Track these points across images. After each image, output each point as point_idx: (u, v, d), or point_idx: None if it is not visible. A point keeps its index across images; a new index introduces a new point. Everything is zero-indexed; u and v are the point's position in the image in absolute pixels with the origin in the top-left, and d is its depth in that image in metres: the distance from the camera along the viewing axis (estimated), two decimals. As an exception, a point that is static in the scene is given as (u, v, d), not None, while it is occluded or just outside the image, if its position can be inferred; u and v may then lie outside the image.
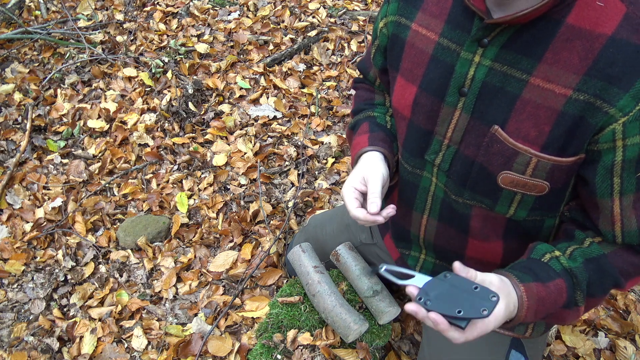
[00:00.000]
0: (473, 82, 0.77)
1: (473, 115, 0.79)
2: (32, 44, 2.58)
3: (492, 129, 0.76)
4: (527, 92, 0.72)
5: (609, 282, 0.79)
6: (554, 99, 0.70)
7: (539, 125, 0.72)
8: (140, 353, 1.48)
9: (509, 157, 0.76)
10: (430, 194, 0.94)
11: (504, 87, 0.74)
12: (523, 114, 0.73)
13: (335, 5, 2.87)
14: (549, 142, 0.72)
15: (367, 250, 1.31)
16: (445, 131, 0.84)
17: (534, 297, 0.76)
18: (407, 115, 0.90)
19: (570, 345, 1.46)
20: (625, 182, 0.72)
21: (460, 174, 0.85)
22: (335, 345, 1.24)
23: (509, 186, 0.79)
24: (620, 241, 0.78)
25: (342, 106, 2.30)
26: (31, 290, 1.64)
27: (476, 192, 0.84)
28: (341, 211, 1.42)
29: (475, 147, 0.80)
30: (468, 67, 0.77)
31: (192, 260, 1.73)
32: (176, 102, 2.26)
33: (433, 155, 0.88)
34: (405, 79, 0.89)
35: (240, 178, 2.00)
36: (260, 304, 1.55)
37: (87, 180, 2.00)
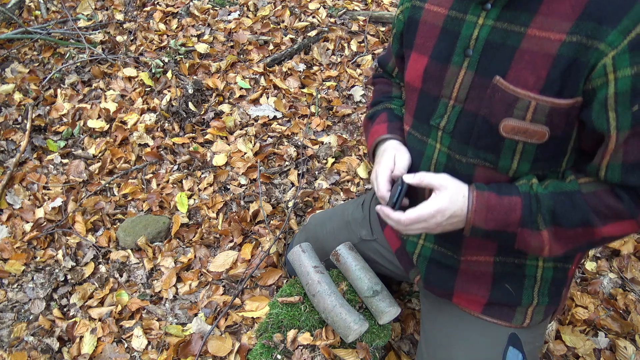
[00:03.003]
0: (477, 42, 0.84)
1: (477, 71, 0.85)
2: (32, 44, 2.58)
3: (493, 79, 0.82)
4: (525, 42, 0.79)
5: (578, 216, 0.82)
6: (550, 45, 0.76)
7: (537, 71, 0.78)
8: (140, 353, 1.48)
9: (510, 104, 0.81)
10: (433, 162, 0.97)
11: (504, 42, 0.81)
12: (521, 62, 0.79)
13: (335, 5, 2.87)
14: (546, 85, 0.77)
15: (367, 247, 1.32)
16: (451, 92, 0.90)
17: (484, 203, 0.85)
18: (418, 86, 0.96)
19: (570, 345, 1.46)
20: (621, 117, 0.74)
21: (464, 131, 0.89)
22: (335, 345, 1.24)
23: (511, 134, 0.83)
24: (603, 175, 0.81)
25: (342, 106, 2.30)
26: (31, 290, 1.64)
27: (479, 147, 0.88)
28: (341, 209, 1.43)
29: (478, 101, 0.85)
30: (473, 29, 0.85)
31: (192, 260, 1.73)
32: (176, 102, 2.26)
33: (438, 119, 0.93)
34: (418, 53, 0.96)
35: (240, 178, 2.00)
36: (260, 304, 1.55)
37: (87, 180, 2.00)
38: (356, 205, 1.38)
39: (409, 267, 1.14)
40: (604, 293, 1.60)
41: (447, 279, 1.06)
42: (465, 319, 1.07)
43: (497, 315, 1.04)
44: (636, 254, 1.70)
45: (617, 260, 1.68)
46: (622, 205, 0.80)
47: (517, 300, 1.01)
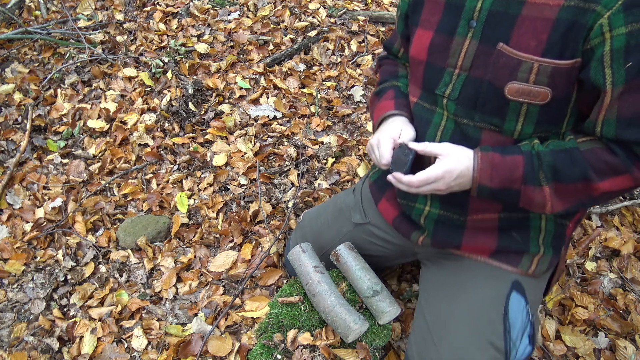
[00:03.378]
0: (481, 12, 0.90)
1: (481, 40, 0.91)
2: (32, 44, 2.58)
3: (497, 45, 0.88)
4: (526, 9, 0.85)
5: (577, 172, 0.87)
6: (549, 10, 0.82)
7: (537, 35, 0.84)
8: (140, 353, 1.48)
9: (514, 67, 0.86)
10: (440, 128, 1.02)
11: (506, 11, 0.87)
12: (522, 28, 0.85)
13: (335, 5, 2.87)
14: (547, 48, 0.83)
15: (362, 230, 1.34)
16: (456, 61, 0.95)
17: (488, 162, 0.92)
18: (423, 59, 1.01)
19: (570, 345, 1.46)
20: (616, 73, 0.80)
21: (470, 96, 0.95)
22: (335, 345, 1.24)
23: (515, 96, 0.88)
24: (599, 131, 0.86)
25: (342, 106, 2.30)
26: (31, 290, 1.64)
27: (485, 112, 0.94)
28: (334, 200, 1.47)
29: (483, 67, 0.91)
30: (476, 1, 0.91)
31: (192, 260, 1.73)
32: (176, 102, 2.26)
33: (443, 88, 0.99)
34: (423, 28, 1.01)
35: (240, 178, 2.00)
36: (260, 304, 1.55)
37: (87, 180, 2.00)
38: (348, 193, 1.42)
39: (410, 231, 1.17)
40: (604, 293, 1.60)
41: (455, 235, 1.10)
42: (470, 267, 1.12)
43: (504, 259, 1.09)
44: (636, 254, 1.70)
45: (617, 260, 1.68)
46: (617, 160, 0.85)
47: (525, 247, 1.07)
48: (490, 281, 1.08)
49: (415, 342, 1.14)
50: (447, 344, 1.05)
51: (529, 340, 1.06)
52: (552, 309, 1.55)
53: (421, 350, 1.11)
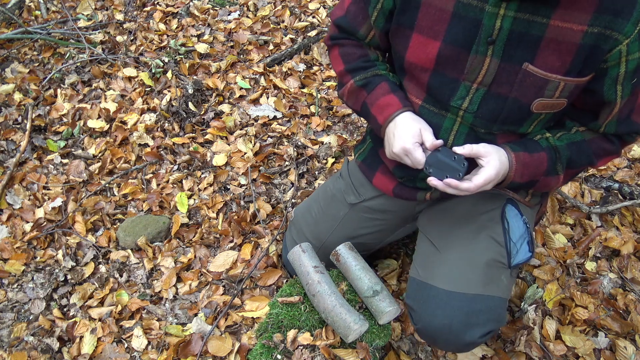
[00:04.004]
0: (501, 32, 0.91)
1: (503, 58, 0.93)
2: (32, 44, 2.58)
3: (523, 66, 0.92)
4: (549, 32, 0.88)
5: (584, 159, 1.06)
6: (573, 34, 0.87)
7: (562, 57, 0.90)
8: (140, 353, 1.48)
9: (541, 86, 0.93)
10: (453, 132, 1.07)
11: (529, 31, 0.90)
12: (548, 50, 0.90)
13: (335, 5, 2.87)
14: (570, 68, 0.91)
15: (358, 209, 1.37)
16: (476, 77, 0.97)
17: (521, 162, 1.01)
18: (429, 67, 1.02)
19: (570, 345, 1.46)
20: (625, 88, 0.94)
21: (492, 110, 1.00)
22: (335, 345, 1.24)
23: (540, 109, 0.98)
24: (602, 130, 1.04)
25: (342, 106, 2.30)
26: (31, 290, 1.64)
27: (505, 123, 1.02)
28: (322, 190, 1.48)
29: (508, 85, 0.95)
30: (495, 20, 0.91)
31: (192, 260, 1.73)
32: (176, 102, 2.26)
33: (460, 101, 1.01)
34: (424, 36, 1.00)
35: (240, 178, 2.00)
36: (260, 304, 1.55)
37: (87, 180, 2.00)
38: (335, 179, 1.45)
39: (414, 194, 1.22)
40: (604, 293, 1.60)
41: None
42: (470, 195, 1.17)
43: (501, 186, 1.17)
44: (636, 254, 1.70)
45: (617, 260, 1.68)
46: (613, 146, 1.06)
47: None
48: (487, 198, 1.20)
49: (418, 261, 1.23)
50: (451, 247, 1.16)
51: (528, 247, 1.17)
52: (552, 309, 1.55)
53: (426, 263, 1.19)
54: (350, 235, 1.39)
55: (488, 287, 1.10)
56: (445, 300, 1.10)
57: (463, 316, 1.08)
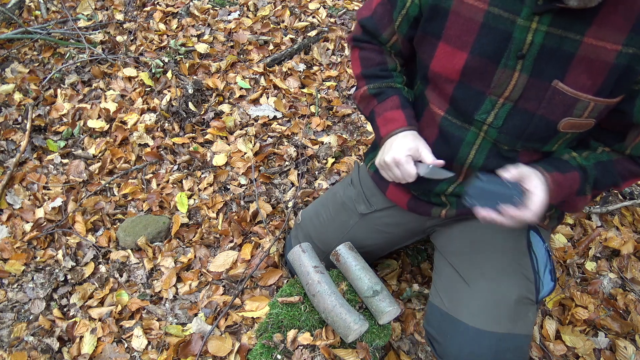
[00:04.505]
0: (532, 46, 0.88)
1: (532, 74, 0.90)
2: (32, 44, 2.58)
3: (553, 83, 0.89)
4: (582, 50, 0.85)
5: (610, 180, 1.02)
6: (607, 54, 0.84)
7: (594, 76, 0.86)
8: (140, 353, 1.48)
9: (570, 105, 0.90)
10: (474, 147, 1.04)
11: (560, 47, 0.86)
12: (579, 68, 0.86)
13: (335, 5, 2.87)
14: (602, 88, 0.87)
15: (368, 222, 1.34)
16: (503, 91, 0.94)
17: (556, 182, 0.97)
18: (455, 79, 0.98)
19: (570, 345, 1.46)
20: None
21: (517, 126, 0.96)
22: (335, 345, 1.24)
23: (567, 129, 0.94)
24: (628, 152, 1.00)
25: (342, 106, 2.30)
26: (31, 290, 1.64)
27: (530, 140, 0.98)
28: (331, 195, 1.45)
29: (536, 101, 0.92)
30: (526, 33, 0.87)
31: (192, 260, 1.73)
32: (176, 102, 2.26)
33: (484, 115, 0.98)
34: (451, 46, 0.96)
35: (240, 178, 2.00)
36: (260, 304, 1.55)
37: (87, 180, 2.00)
38: (345, 185, 1.42)
39: (428, 210, 1.20)
40: (604, 293, 1.60)
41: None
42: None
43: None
44: (636, 254, 1.70)
45: (617, 260, 1.68)
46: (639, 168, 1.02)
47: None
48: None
49: (442, 289, 1.17)
50: (480, 280, 1.11)
51: (550, 276, 1.15)
52: (552, 309, 1.55)
53: (452, 294, 1.14)
54: (358, 244, 1.37)
55: (516, 325, 1.07)
56: (473, 338, 1.06)
57: (491, 355, 1.04)
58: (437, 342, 1.12)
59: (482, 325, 1.06)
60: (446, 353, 1.09)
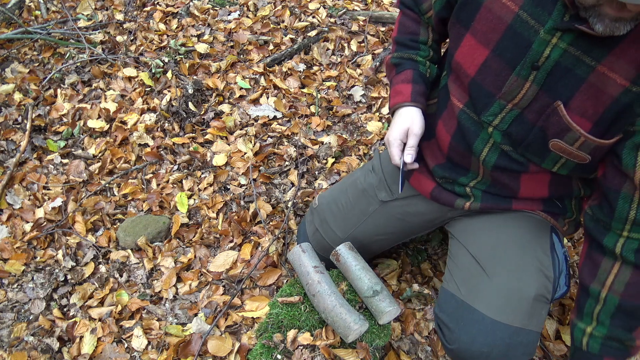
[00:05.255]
0: (547, 60, 0.87)
1: (542, 87, 0.90)
2: (32, 44, 2.58)
3: (555, 103, 0.89)
4: (593, 77, 0.84)
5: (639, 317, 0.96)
6: (614, 87, 0.82)
7: (596, 106, 0.85)
8: (140, 353, 1.48)
9: (563, 130, 0.90)
10: (488, 145, 1.04)
11: (573, 70, 0.85)
12: (586, 94, 0.85)
13: (335, 5, 2.87)
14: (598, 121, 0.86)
15: (388, 210, 1.32)
16: (513, 98, 0.94)
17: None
18: (470, 74, 0.99)
19: (570, 345, 1.46)
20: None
21: (518, 134, 0.97)
22: (335, 345, 1.24)
23: (557, 151, 0.94)
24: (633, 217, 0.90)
25: (342, 106, 2.30)
26: (31, 290, 1.64)
27: (528, 150, 0.99)
28: (352, 181, 1.43)
29: (537, 114, 0.93)
30: (545, 47, 0.87)
31: (192, 260, 1.73)
32: (176, 102, 2.26)
33: (491, 117, 0.99)
34: (476, 40, 0.97)
35: (240, 178, 2.00)
36: (260, 304, 1.55)
37: (87, 180, 2.00)
38: (367, 172, 1.40)
39: (452, 200, 1.19)
40: (604, 293, 1.59)
41: (502, 202, 1.15)
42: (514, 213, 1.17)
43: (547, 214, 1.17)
44: (636, 254, 1.69)
45: (617, 260, 1.68)
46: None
47: (563, 211, 1.18)
48: (534, 221, 1.16)
49: (460, 277, 1.15)
50: (500, 272, 1.10)
51: (565, 280, 1.15)
52: (552, 309, 1.55)
53: (470, 283, 1.12)
54: (375, 232, 1.36)
55: (532, 321, 1.07)
56: (489, 328, 1.05)
57: (504, 347, 1.04)
58: (449, 328, 1.11)
59: (498, 316, 1.05)
60: (458, 340, 1.08)
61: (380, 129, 2.16)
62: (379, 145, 2.10)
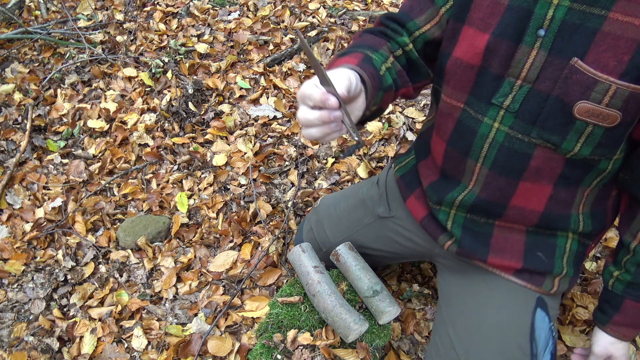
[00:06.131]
0: (552, 22, 0.81)
1: (551, 52, 0.83)
2: (32, 44, 2.58)
3: (571, 60, 0.81)
4: (607, 25, 0.77)
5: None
6: (634, 30, 0.75)
7: (618, 55, 0.77)
8: (140, 353, 1.48)
9: (588, 87, 0.80)
10: (488, 140, 0.96)
11: (583, 23, 0.79)
12: (603, 45, 0.78)
13: (335, 5, 2.87)
14: (627, 70, 0.77)
15: (385, 225, 1.31)
16: (520, 71, 0.87)
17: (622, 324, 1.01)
18: (476, 64, 0.92)
19: (570, 345, 1.46)
20: None
21: (532, 111, 0.88)
22: (335, 345, 1.24)
23: (584, 116, 0.83)
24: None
25: (342, 106, 2.30)
26: (31, 290, 1.64)
27: (546, 128, 0.88)
28: (355, 189, 1.42)
29: (551, 81, 0.84)
30: (547, 8, 0.81)
31: (192, 260, 1.73)
32: (176, 102, 2.26)
33: (502, 99, 0.91)
34: (475, 28, 0.91)
35: (240, 178, 2.00)
36: (260, 304, 1.55)
37: (87, 180, 2.00)
38: (371, 184, 1.38)
39: (437, 234, 1.14)
40: (604, 293, 1.59)
41: (481, 245, 1.08)
42: (494, 281, 1.11)
43: (528, 279, 1.08)
44: (636, 254, 1.69)
45: (617, 260, 1.68)
46: None
47: (550, 268, 1.06)
48: (515, 297, 1.08)
49: (437, 354, 1.13)
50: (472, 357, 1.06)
51: (550, 358, 1.07)
52: (552, 309, 1.55)
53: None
54: (365, 245, 1.35)
55: None
56: None
57: None
58: None
59: None
60: None
61: (380, 129, 2.16)
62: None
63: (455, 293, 1.18)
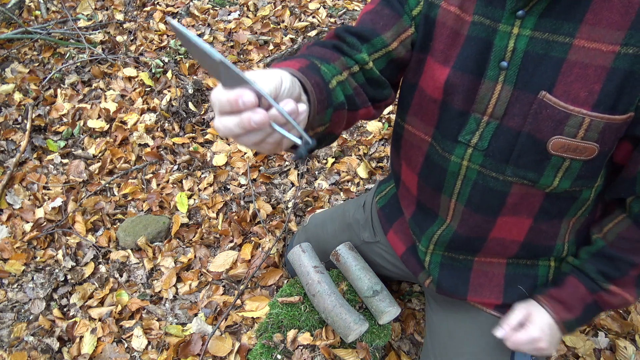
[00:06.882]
0: (514, 54, 0.76)
1: (516, 86, 0.77)
2: (32, 44, 2.58)
3: (539, 95, 0.75)
4: (573, 54, 0.72)
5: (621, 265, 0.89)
6: (602, 56, 0.70)
7: (589, 85, 0.72)
8: (140, 353, 1.48)
9: (560, 121, 0.75)
10: (460, 177, 0.90)
11: (547, 54, 0.74)
12: (570, 75, 0.73)
13: (335, 5, 2.87)
14: (600, 100, 0.72)
15: (370, 249, 1.31)
16: (486, 107, 0.81)
17: (556, 299, 0.93)
18: (438, 98, 0.87)
19: (570, 345, 1.46)
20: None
21: (502, 149, 0.82)
22: (335, 345, 1.24)
23: (560, 152, 0.77)
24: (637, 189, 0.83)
25: (342, 106, 2.30)
26: (31, 290, 1.64)
27: (520, 166, 0.82)
28: (342, 210, 1.42)
29: (521, 118, 0.78)
30: (507, 40, 0.76)
31: (192, 260, 1.73)
32: (176, 102, 2.26)
33: (468, 136, 0.85)
34: (435, 60, 0.85)
35: (240, 178, 2.00)
36: (260, 304, 1.55)
37: (87, 180, 2.00)
38: (357, 206, 1.36)
39: (417, 271, 1.12)
40: (604, 293, 1.60)
41: (460, 283, 1.05)
42: (475, 316, 1.08)
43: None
44: (636, 254, 1.69)
45: (617, 260, 1.68)
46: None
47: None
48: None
49: None
50: None
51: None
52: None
53: None
54: None
55: None
56: None
57: None
58: None
59: None
60: None
61: (380, 129, 2.16)
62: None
63: (439, 329, 1.16)
